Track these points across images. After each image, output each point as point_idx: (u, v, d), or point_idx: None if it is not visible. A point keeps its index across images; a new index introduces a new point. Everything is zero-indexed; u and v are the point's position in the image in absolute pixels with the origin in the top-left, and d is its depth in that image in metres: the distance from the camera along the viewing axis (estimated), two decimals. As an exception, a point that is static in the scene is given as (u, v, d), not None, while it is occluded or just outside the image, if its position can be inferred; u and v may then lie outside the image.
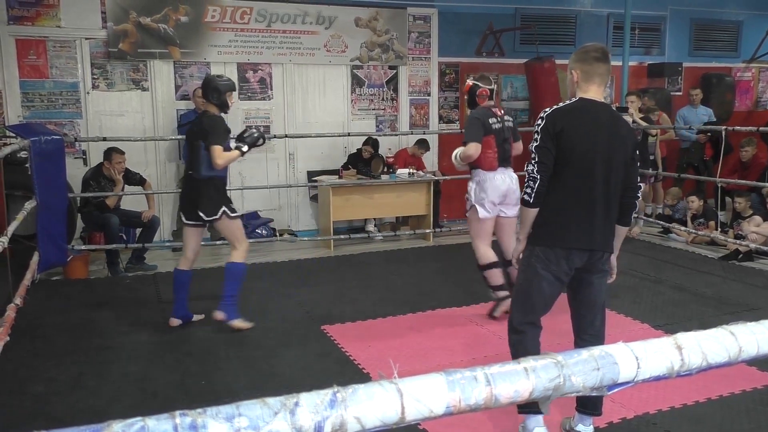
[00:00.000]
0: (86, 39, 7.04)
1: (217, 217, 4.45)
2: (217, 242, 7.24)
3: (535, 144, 2.80)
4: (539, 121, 2.82)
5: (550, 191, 2.80)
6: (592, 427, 3.06)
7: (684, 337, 0.77)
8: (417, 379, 0.68)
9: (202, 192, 4.42)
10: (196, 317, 4.81)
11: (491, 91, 4.65)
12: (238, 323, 4.59)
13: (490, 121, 4.54)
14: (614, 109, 2.99)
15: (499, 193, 4.56)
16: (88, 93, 7.12)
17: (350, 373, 3.88)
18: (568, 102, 2.88)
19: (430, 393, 0.67)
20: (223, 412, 0.60)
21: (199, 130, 4.40)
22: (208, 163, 4.34)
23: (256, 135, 4.52)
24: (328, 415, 0.63)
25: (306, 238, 7.45)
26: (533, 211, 2.84)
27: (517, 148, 4.79)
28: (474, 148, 4.46)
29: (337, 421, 0.63)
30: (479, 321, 4.78)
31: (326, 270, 6.16)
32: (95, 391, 3.67)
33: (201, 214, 4.43)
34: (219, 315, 4.56)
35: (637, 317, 4.80)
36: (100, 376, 3.89)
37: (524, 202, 2.84)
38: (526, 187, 2.81)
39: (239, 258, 4.63)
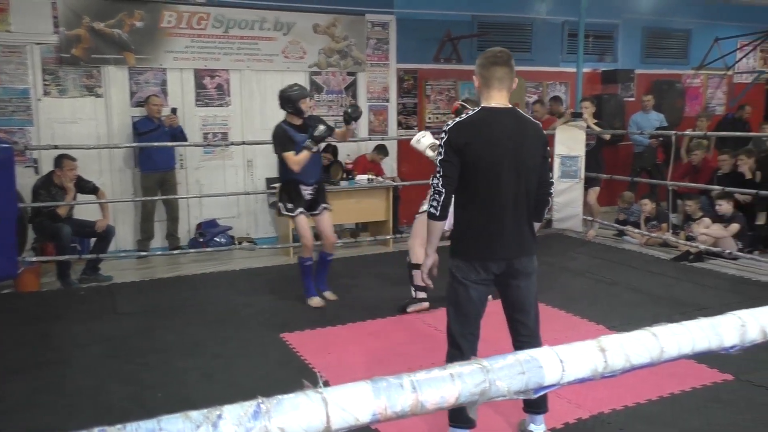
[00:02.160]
0: (37, 44, 6.88)
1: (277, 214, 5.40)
2: (174, 252, 7.15)
3: (439, 158, 2.81)
4: (443, 135, 2.81)
5: (462, 205, 2.84)
6: (544, 425, 3.11)
7: (607, 340, 0.79)
8: (342, 388, 0.68)
9: (279, 192, 5.30)
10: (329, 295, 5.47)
11: None
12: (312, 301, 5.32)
13: None
14: (520, 111, 2.98)
15: None
16: (39, 100, 6.95)
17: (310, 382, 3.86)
18: (471, 113, 2.86)
19: (355, 401, 0.68)
20: (143, 428, 0.59)
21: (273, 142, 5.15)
22: (280, 169, 5.20)
23: (323, 130, 4.98)
24: (251, 426, 0.62)
25: (265, 246, 7.39)
26: (440, 224, 2.87)
27: None
28: None
29: (261, 432, 0.63)
30: (439, 326, 4.80)
31: (286, 278, 6.12)
32: (49, 408, 3.58)
33: None
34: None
35: (593, 319, 4.89)
36: (54, 391, 3.79)
37: (431, 216, 2.85)
38: (432, 200, 2.82)
39: (301, 253, 5.33)
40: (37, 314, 5.24)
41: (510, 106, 2.90)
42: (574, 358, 0.77)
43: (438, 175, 2.80)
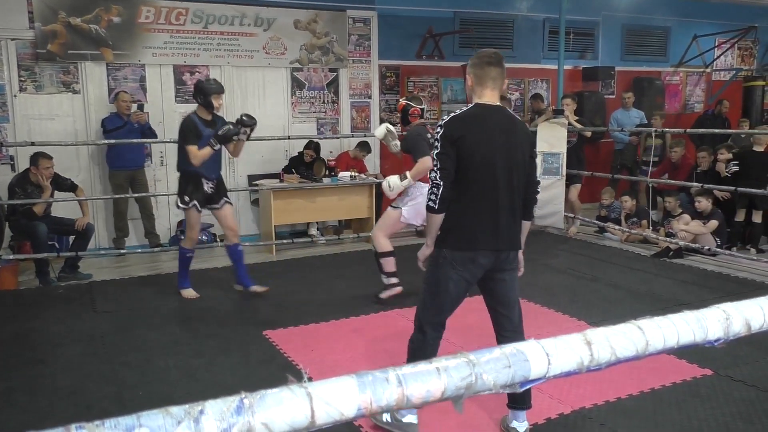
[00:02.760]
0: (12, 40, 6.76)
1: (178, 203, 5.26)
2: (155, 249, 7.08)
3: (436, 151, 2.89)
4: (438, 129, 2.91)
5: (456, 198, 2.89)
6: (526, 422, 3.13)
7: (593, 333, 0.78)
8: (327, 383, 0.67)
9: (178, 182, 5.23)
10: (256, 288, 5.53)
11: (422, 110, 5.21)
12: (186, 292, 5.43)
13: (427, 136, 4.95)
14: (511, 111, 3.15)
15: None
16: (15, 96, 6.84)
17: (292, 379, 3.84)
18: (465, 108, 2.96)
19: (340, 396, 0.67)
20: (122, 424, 0.58)
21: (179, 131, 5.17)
22: (181, 159, 5.12)
23: (228, 129, 5.01)
24: (234, 422, 0.61)
25: (248, 243, 7.32)
26: (439, 217, 2.92)
27: None
28: (429, 161, 4.81)
29: (244, 428, 0.61)
30: (421, 322, 4.81)
31: (268, 275, 6.09)
32: (26, 407, 3.52)
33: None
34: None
35: (574, 315, 4.93)
36: (32, 391, 3.74)
37: (429, 209, 2.92)
38: (431, 194, 2.90)
39: (183, 244, 5.41)
40: (15, 313, 5.16)
41: (500, 104, 3.02)
42: (561, 351, 0.77)
43: (435, 168, 2.88)
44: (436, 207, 2.88)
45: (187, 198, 5.13)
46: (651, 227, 7.43)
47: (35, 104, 6.95)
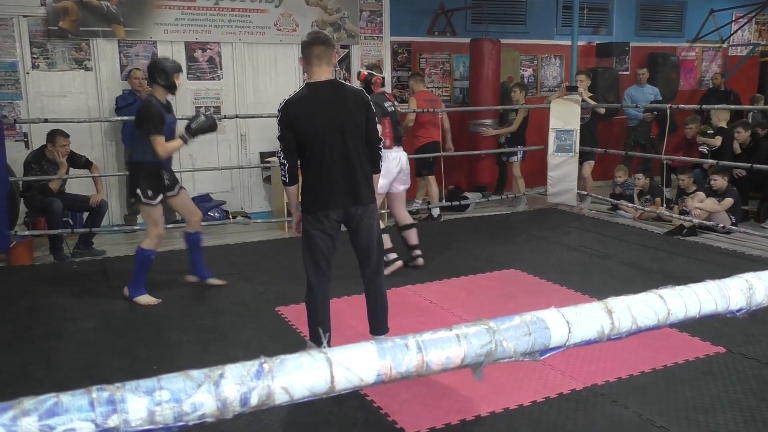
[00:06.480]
0: (24, 17, 6.75)
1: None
2: (169, 226, 7.11)
3: (278, 135, 3.36)
4: (277, 114, 3.35)
5: (303, 168, 3.39)
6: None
7: (614, 302, 0.78)
8: (347, 348, 0.67)
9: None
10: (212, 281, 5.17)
11: (383, 78, 5.49)
12: (143, 299, 4.79)
13: (386, 104, 5.32)
14: (342, 82, 3.53)
15: (392, 171, 5.29)
16: (27, 73, 6.84)
17: (305, 354, 3.87)
18: (297, 91, 3.38)
19: (360, 361, 0.67)
20: (143, 386, 0.58)
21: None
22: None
23: (203, 122, 4.66)
24: (254, 386, 0.61)
25: (260, 220, 7.37)
26: (293, 188, 3.50)
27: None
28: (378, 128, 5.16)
29: (264, 392, 0.61)
30: (434, 299, 4.83)
31: (280, 252, 6.11)
32: (42, 381, 3.58)
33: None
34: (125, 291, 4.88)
35: (587, 292, 4.91)
36: (47, 365, 3.79)
37: (284, 183, 3.47)
38: (281, 171, 3.43)
39: (146, 244, 4.73)
40: (30, 288, 5.22)
41: (331, 78, 3.41)
42: (581, 320, 0.76)
43: (280, 149, 3.37)
44: (288, 181, 3.43)
45: (151, 192, 4.56)
46: (665, 205, 7.36)
47: (48, 81, 6.95)
